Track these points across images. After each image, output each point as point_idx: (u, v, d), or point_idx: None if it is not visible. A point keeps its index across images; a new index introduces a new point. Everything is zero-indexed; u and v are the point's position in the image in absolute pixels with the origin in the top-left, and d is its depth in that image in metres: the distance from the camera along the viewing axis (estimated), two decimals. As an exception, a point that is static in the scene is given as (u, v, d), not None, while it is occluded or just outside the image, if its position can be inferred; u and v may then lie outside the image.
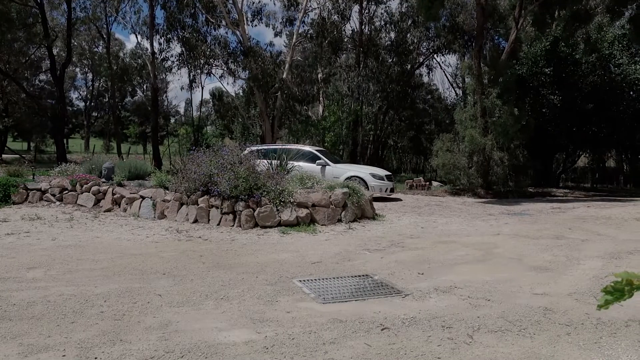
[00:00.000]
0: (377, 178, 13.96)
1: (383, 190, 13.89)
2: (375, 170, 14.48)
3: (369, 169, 14.67)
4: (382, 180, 14.00)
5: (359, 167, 15.18)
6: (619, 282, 1.11)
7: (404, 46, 26.02)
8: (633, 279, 1.10)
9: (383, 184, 13.94)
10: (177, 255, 6.37)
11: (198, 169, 8.96)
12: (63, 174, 11.36)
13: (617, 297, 1.12)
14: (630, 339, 3.44)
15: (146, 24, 24.66)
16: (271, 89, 19.66)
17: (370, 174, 13.95)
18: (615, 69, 19.79)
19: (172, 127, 54.29)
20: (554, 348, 3.29)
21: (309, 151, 14.75)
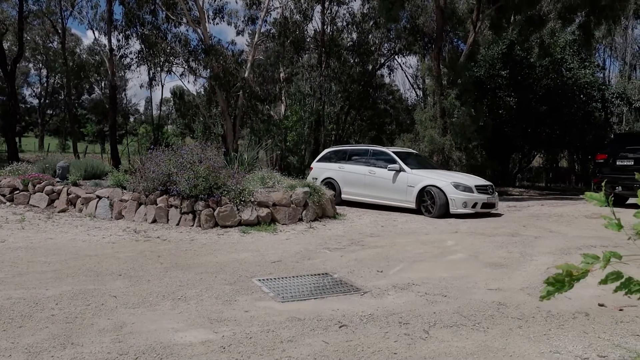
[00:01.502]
0: (463, 189, 10.59)
1: (469, 205, 10.46)
2: (462, 179, 11.08)
3: (455, 176, 11.36)
4: (470, 193, 10.59)
5: (443, 174, 11.58)
6: (560, 274, 1.16)
7: (365, 47, 26.23)
8: (573, 270, 1.14)
9: (470, 197, 10.52)
10: (134, 255, 6.24)
11: (157, 168, 8.79)
12: (14, 173, 10.89)
13: (558, 287, 1.17)
14: (576, 330, 3.58)
15: (104, 19, 23.98)
16: (233, 88, 19.46)
17: (453, 184, 10.60)
18: (567, 72, 20.60)
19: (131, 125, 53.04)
20: (506, 341, 3.39)
21: (383, 151, 12.39)
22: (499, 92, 20.62)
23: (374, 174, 11.92)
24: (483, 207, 10.68)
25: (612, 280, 1.15)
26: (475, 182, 11.03)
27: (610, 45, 37.63)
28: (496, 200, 11.25)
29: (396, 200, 11.45)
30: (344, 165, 12.66)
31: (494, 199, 11.11)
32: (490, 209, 10.97)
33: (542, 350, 3.20)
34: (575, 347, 3.27)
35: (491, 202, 10.92)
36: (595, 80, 21.99)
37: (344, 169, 12.59)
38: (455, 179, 10.91)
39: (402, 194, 11.26)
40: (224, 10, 21.16)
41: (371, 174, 11.97)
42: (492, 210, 11.09)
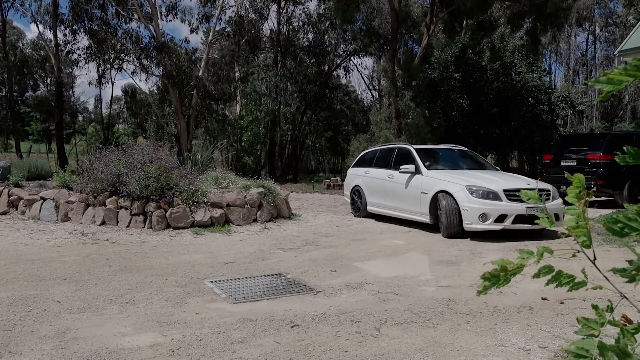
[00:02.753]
0: (481, 195, 7.58)
1: (491, 218, 7.41)
2: (488, 181, 7.99)
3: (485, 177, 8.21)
4: (492, 200, 7.51)
5: (471, 175, 8.40)
6: (495, 270, 1.17)
7: (321, 47, 26.37)
8: (508, 265, 1.16)
9: (492, 206, 7.45)
10: (80, 259, 6.02)
11: (106, 169, 8.52)
12: (-51, 173, 10.33)
13: (493, 282, 1.17)
14: (520, 323, 3.70)
15: (49, 13, 22.93)
16: (186, 87, 19.16)
17: (468, 188, 7.68)
18: (516, 76, 21.37)
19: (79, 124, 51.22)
20: (454, 336, 3.46)
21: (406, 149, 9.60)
22: (452, 94, 21.15)
23: (392, 178, 9.41)
24: (517, 221, 7.37)
25: (544, 274, 1.18)
26: (506, 185, 7.67)
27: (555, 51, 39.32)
28: (553, 209, 7.61)
29: (409, 211, 8.83)
30: (370, 170, 10.45)
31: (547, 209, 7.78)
32: (534, 226, 7.45)
33: (487, 344, 3.29)
34: (519, 340, 3.37)
35: (532, 214, 7.16)
36: (542, 84, 22.90)
37: (369, 174, 10.39)
38: (476, 181, 7.83)
39: (416, 203, 8.59)
40: (177, 7, 20.84)
41: (390, 179, 9.48)
42: (531, 227, 7.54)
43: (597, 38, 41.62)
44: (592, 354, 1.02)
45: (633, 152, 0.93)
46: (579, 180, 1.17)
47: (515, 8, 18.64)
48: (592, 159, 11.87)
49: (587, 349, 1.03)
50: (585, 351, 1.03)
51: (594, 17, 39.51)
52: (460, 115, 21.25)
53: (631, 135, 14.52)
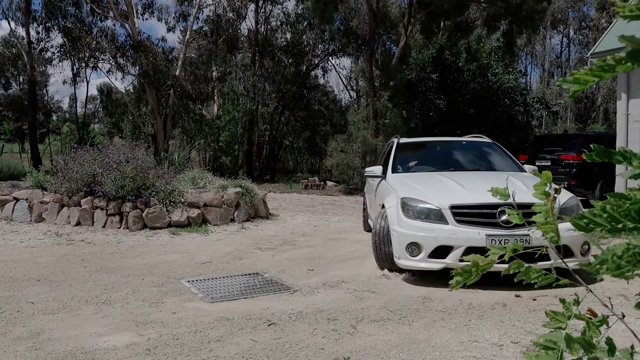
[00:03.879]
0: (417, 214, 5.11)
1: (424, 251, 4.95)
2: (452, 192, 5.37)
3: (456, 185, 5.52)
4: (436, 223, 5.00)
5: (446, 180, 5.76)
6: (467, 265, 1.20)
7: (299, 47, 26.36)
8: (479, 261, 1.20)
9: (428, 232, 4.96)
10: (55, 260, 5.94)
11: (81, 168, 8.41)
12: None
13: (465, 277, 1.21)
14: (494, 320, 3.78)
15: (20, 9, 22.40)
16: (163, 86, 18.98)
17: (402, 202, 5.26)
18: (492, 77, 21.71)
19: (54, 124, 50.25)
20: (429, 333, 3.52)
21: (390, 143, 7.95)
22: (430, 95, 21.37)
23: (373, 183, 7.48)
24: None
25: (514, 269, 1.22)
26: (461, 198, 5.11)
27: (531, 53, 40.04)
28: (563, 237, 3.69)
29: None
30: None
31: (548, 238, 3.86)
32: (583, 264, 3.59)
33: (462, 340, 3.36)
34: (492, 336, 3.45)
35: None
36: (518, 85, 23.30)
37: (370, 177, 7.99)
38: (425, 191, 5.37)
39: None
40: (153, 5, 20.65)
41: (372, 184, 7.56)
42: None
43: (571, 40, 42.52)
44: (559, 345, 1.06)
45: (599, 149, 0.96)
46: (546, 177, 1.20)
47: (491, 10, 18.92)
48: (565, 159, 12.14)
49: (555, 341, 1.07)
50: (553, 343, 1.07)
51: (568, 20, 40.37)
52: (438, 116, 21.47)
53: (603, 136, 14.90)
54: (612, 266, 0.92)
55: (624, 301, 4.20)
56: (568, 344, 1.05)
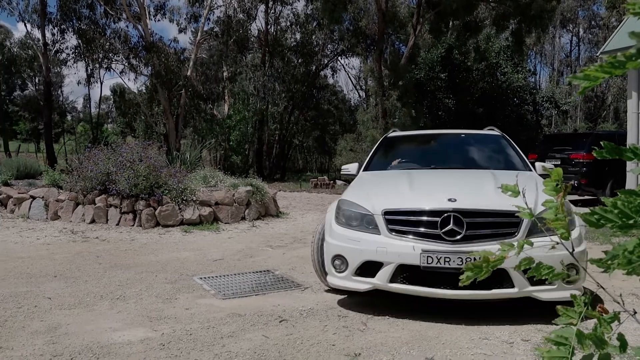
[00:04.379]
0: (351, 221, 4.09)
1: (350, 265, 3.92)
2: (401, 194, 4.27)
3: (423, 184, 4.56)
4: (367, 232, 3.94)
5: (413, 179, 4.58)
6: (478, 261, 1.21)
7: (309, 47, 26.47)
8: (490, 256, 1.20)
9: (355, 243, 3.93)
10: (71, 256, 6.05)
11: (95, 167, 8.55)
12: None
13: (476, 272, 1.21)
14: (505, 318, 3.77)
15: (36, 11, 22.77)
16: (175, 87, 19.17)
17: (339, 206, 4.30)
18: (501, 76, 21.66)
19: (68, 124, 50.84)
20: (440, 330, 3.54)
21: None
22: (439, 94, 21.36)
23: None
24: (414, 278, 3.77)
25: (524, 265, 1.21)
26: (404, 202, 4.03)
27: (540, 52, 39.81)
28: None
29: None
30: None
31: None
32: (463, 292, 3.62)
33: (472, 337, 3.38)
34: (503, 333, 3.46)
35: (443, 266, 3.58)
36: (527, 84, 23.25)
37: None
38: (372, 191, 4.43)
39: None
40: (165, 6, 20.85)
41: None
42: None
43: (580, 39, 42.25)
44: (570, 341, 1.05)
45: (610, 147, 0.95)
46: (557, 174, 1.19)
47: (500, 9, 18.90)
48: (575, 158, 12.09)
49: (566, 337, 1.06)
50: (565, 339, 1.06)
51: (577, 19, 40.12)
52: (447, 115, 21.47)
53: (613, 134, 14.81)
54: (623, 261, 0.91)
55: (635, 300, 4.22)
56: (579, 339, 1.04)
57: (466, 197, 3.87)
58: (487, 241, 3.57)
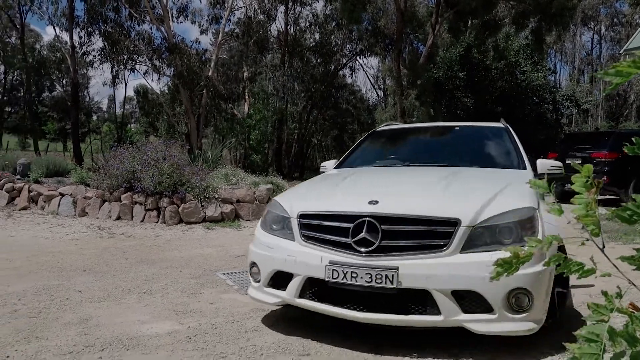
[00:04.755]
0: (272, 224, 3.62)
1: (262, 274, 3.47)
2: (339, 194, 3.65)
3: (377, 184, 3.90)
4: (281, 237, 3.46)
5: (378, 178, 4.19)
6: (508, 257, 1.22)
7: (328, 47, 26.55)
8: (519, 253, 1.21)
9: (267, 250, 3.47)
10: (98, 252, 6.26)
11: (121, 165, 8.80)
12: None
13: (506, 269, 1.22)
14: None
15: (65, 15, 23.39)
16: (197, 87, 19.47)
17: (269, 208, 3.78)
18: (520, 75, 21.50)
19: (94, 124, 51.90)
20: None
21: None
22: (457, 93, 21.28)
23: None
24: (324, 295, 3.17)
25: (554, 262, 1.20)
26: (325, 204, 3.43)
27: (560, 50, 39.27)
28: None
29: None
30: None
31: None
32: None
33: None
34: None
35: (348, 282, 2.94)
36: (547, 83, 23.00)
37: None
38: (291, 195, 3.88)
39: None
40: (187, 9, 21.18)
41: None
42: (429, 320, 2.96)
43: (602, 37, 41.55)
44: (601, 338, 1.04)
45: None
46: (587, 170, 1.20)
47: (520, 8, 18.74)
48: (597, 157, 11.98)
49: (597, 334, 1.05)
50: (596, 335, 1.05)
51: (599, 17, 39.47)
52: (465, 114, 21.36)
53: (637, 133, 14.64)
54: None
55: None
56: (611, 336, 1.03)
57: (394, 199, 3.22)
58: (407, 255, 2.88)
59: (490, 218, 2.92)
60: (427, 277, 2.80)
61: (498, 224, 2.91)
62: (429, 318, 2.85)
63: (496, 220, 2.92)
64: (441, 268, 2.81)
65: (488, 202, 3.02)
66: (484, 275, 2.68)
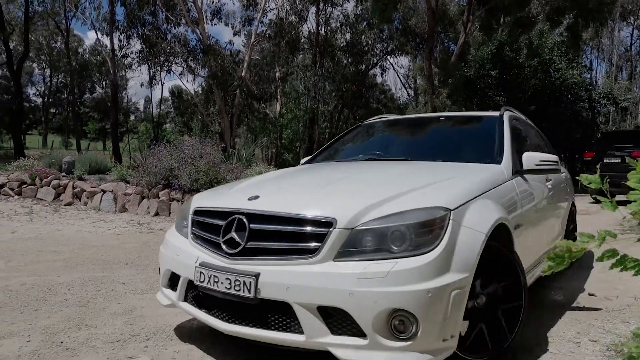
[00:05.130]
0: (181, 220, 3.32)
1: (162, 274, 3.23)
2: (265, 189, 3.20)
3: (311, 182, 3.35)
4: (181, 235, 3.20)
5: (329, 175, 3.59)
6: (560, 251, 1.18)
7: (358, 47, 26.61)
8: (572, 247, 1.17)
9: (167, 249, 3.23)
10: (139, 246, 6.50)
11: (159, 163, 9.11)
12: (21, 168, 11.23)
13: (558, 263, 1.18)
14: (568, 317, 3.62)
15: (106, 20, 24.38)
16: (230, 87, 19.88)
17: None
18: (554, 73, 21.08)
19: (131, 124, 53.44)
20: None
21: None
22: (489, 92, 21.03)
23: None
24: (199, 302, 2.85)
25: (607, 257, 1.14)
26: (213, 201, 3.14)
27: (597, 47, 38.23)
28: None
29: None
30: None
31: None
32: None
33: (535, 335, 3.29)
34: (568, 333, 3.34)
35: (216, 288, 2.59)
36: (583, 80, 22.47)
37: None
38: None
39: None
40: (221, 11, 21.65)
41: None
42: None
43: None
44: None
45: None
46: None
47: (554, 4, 18.40)
48: (638, 156, 11.73)
49: None
50: None
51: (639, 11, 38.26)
52: (497, 113, 21.15)
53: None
54: None
55: None
56: None
57: (276, 195, 2.91)
58: (273, 259, 2.46)
59: (377, 219, 2.36)
60: (288, 287, 2.31)
61: (386, 227, 2.33)
62: (290, 337, 2.38)
63: (384, 222, 2.35)
64: (305, 278, 2.30)
65: (384, 201, 2.49)
66: (351, 289, 2.17)
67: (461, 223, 2.42)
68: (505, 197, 3.05)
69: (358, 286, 2.17)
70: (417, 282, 2.18)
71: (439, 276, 2.23)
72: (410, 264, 2.20)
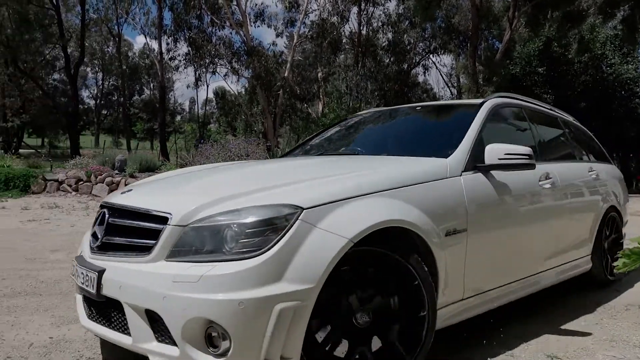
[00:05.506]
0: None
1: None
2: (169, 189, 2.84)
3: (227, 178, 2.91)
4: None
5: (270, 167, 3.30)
6: (636, 247, 1.12)
7: (401, 46, 26.58)
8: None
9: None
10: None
11: (206, 161, 9.46)
12: (78, 166, 11.98)
13: (634, 259, 1.12)
14: (630, 321, 3.46)
15: (155, 24, 25.49)
16: (273, 88, 20.30)
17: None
18: (607, 68, 20.37)
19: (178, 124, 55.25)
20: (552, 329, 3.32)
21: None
22: (536, 89, 20.57)
23: None
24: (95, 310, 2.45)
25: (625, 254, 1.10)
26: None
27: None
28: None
29: None
30: None
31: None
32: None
33: (597, 339, 3.13)
34: (631, 337, 3.14)
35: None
36: (638, 75, 21.61)
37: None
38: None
39: None
40: (264, 13, 22.09)
41: None
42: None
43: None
44: None
45: None
46: None
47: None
48: None
49: None
50: None
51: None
52: (545, 111, 20.64)
53: None
54: None
55: None
56: None
57: (147, 189, 2.72)
58: (118, 255, 2.30)
59: (211, 217, 2.08)
60: (121, 285, 2.14)
61: (218, 225, 2.05)
62: (122, 338, 2.20)
63: (217, 219, 2.06)
64: (136, 277, 2.11)
65: (231, 197, 2.19)
66: (166, 293, 1.96)
67: (316, 225, 2.05)
68: (433, 196, 2.60)
69: (172, 290, 1.94)
70: (228, 290, 1.88)
71: (261, 286, 1.89)
72: (226, 269, 1.90)
